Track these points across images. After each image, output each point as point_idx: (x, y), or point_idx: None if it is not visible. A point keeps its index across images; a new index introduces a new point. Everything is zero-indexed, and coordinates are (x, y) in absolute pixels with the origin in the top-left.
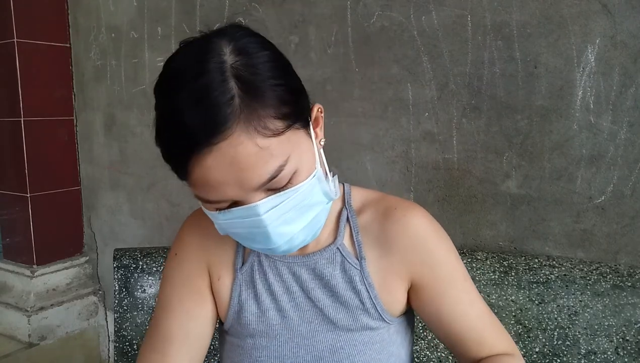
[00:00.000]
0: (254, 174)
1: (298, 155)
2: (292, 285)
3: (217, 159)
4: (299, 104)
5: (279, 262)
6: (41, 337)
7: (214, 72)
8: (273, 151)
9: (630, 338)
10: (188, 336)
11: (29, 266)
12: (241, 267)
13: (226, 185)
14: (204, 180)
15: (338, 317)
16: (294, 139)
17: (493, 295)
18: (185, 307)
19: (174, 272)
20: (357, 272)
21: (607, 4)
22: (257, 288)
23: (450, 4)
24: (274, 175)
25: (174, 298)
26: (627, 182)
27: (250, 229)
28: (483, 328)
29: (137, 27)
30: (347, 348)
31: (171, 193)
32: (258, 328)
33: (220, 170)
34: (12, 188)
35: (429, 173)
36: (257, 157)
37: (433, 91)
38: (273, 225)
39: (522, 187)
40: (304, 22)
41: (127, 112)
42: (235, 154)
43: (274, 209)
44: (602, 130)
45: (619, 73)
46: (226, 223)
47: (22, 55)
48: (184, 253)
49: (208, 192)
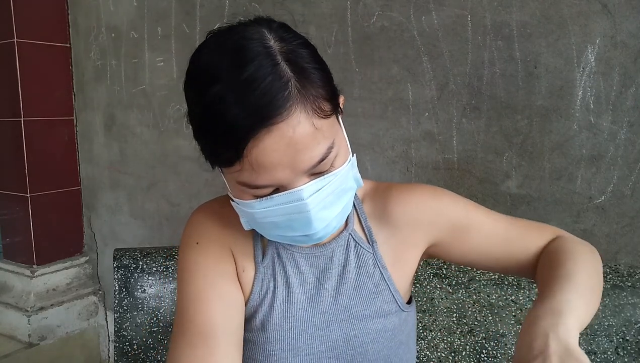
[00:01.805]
0: (308, 155)
1: (339, 139)
2: (309, 276)
3: (276, 139)
4: (334, 89)
5: (297, 254)
6: (41, 337)
7: (264, 56)
8: (325, 132)
9: (630, 338)
10: (232, 324)
11: (29, 266)
12: (262, 260)
13: (279, 167)
14: (259, 163)
15: (351, 304)
16: (336, 122)
17: (493, 295)
18: (221, 294)
19: (200, 259)
20: (370, 255)
21: (607, 4)
22: (277, 281)
23: (450, 4)
24: (324, 157)
25: (207, 286)
26: (627, 182)
27: (290, 215)
28: (519, 235)
29: (137, 27)
30: (360, 336)
31: (171, 193)
32: (272, 322)
33: (278, 151)
34: (12, 188)
35: (429, 173)
36: (312, 138)
37: (433, 91)
38: (315, 210)
39: (522, 187)
40: (304, 22)
41: (127, 112)
42: (293, 135)
43: (316, 193)
44: (602, 130)
45: (619, 73)
46: (264, 211)
47: (22, 55)
48: (206, 241)
49: (259, 175)
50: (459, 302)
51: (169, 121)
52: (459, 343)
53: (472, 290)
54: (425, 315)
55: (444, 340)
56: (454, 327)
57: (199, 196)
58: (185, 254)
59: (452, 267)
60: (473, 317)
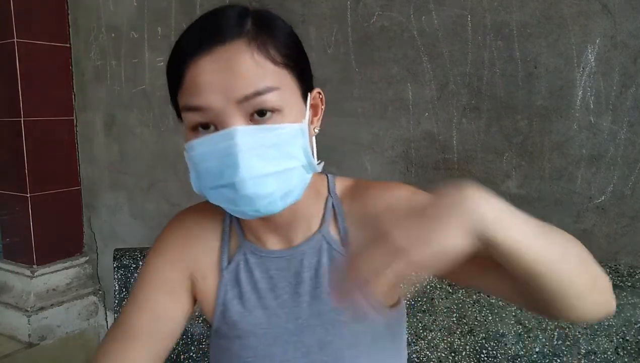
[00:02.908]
0: (243, 82)
1: (288, 98)
2: (280, 281)
3: (212, 62)
4: (300, 63)
5: (266, 259)
6: (41, 337)
7: (234, 8)
8: (266, 73)
9: (630, 338)
10: (151, 334)
11: (29, 266)
12: (227, 267)
13: (214, 89)
14: (196, 83)
15: (325, 309)
16: (287, 83)
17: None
18: (153, 304)
19: (149, 268)
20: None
21: (607, 4)
22: (242, 287)
23: (450, 4)
24: (260, 92)
25: (142, 294)
26: (627, 182)
27: (221, 159)
28: None
29: (137, 27)
30: (335, 342)
31: (171, 193)
32: (244, 329)
33: (213, 72)
34: (12, 188)
35: (429, 173)
36: (250, 68)
37: (433, 91)
38: (244, 154)
39: (522, 187)
40: (304, 22)
41: (127, 112)
42: (230, 59)
43: (249, 137)
44: (602, 130)
45: (619, 73)
46: (201, 155)
47: (22, 55)
48: (161, 252)
49: (195, 96)
50: (459, 302)
51: (169, 121)
52: (459, 343)
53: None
54: (425, 315)
55: (444, 340)
56: (454, 327)
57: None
58: (145, 258)
59: None
60: (473, 317)
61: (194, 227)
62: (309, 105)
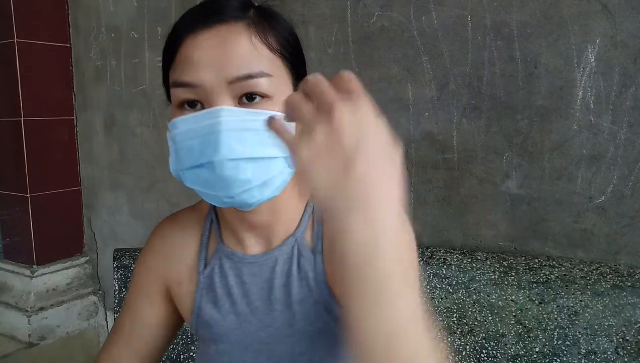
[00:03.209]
0: (237, 62)
1: (280, 87)
2: (252, 287)
3: (209, 38)
4: (297, 58)
5: (240, 264)
6: (41, 337)
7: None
8: (262, 58)
9: (630, 338)
10: (131, 335)
11: (29, 266)
12: (202, 271)
13: (206, 64)
14: (189, 56)
15: (296, 319)
16: (281, 73)
17: (493, 295)
18: (133, 309)
19: (135, 271)
20: (311, 267)
21: (607, 4)
22: (217, 292)
23: (450, 3)
24: (253, 74)
25: (128, 298)
26: (627, 182)
27: (203, 137)
28: None
29: (137, 27)
30: (308, 353)
31: (171, 193)
32: (219, 333)
33: (209, 48)
34: (12, 188)
35: (429, 173)
36: (246, 50)
37: (433, 91)
38: (227, 133)
39: (522, 187)
40: (304, 22)
41: (127, 112)
42: (227, 37)
43: (236, 118)
44: (602, 130)
45: (619, 73)
46: (185, 133)
47: (22, 55)
48: (143, 258)
49: (185, 71)
50: (459, 302)
51: (169, 121)
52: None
53: (472, 290)
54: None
55: (444, 340)
56: (454, 327)
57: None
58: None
59: (452, 266)
60: (473, 317)
61: (171, 236)
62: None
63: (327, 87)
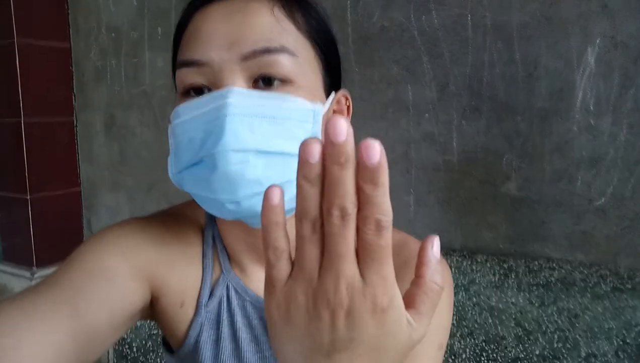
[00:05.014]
0: (253, 34)
1: (304, 71)
2: (262, 333)
3: (222, 8)
4: (329, 48)
5: (247, 303)
6: None
7: None
8: (284, 32)
9: (631, 341)
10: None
11: (28, 268)
12: (207, 303)
13: (216, 40)
14: (196, 32)
15: None
16: (308, 56)
17: (493, 298)
18: (87, 293)
19: (95, 251)
20: None
21: (607, 5)
22: (221, 331)
23: (450, 3)
24: (272, 49)
25: (76, 276)
26: (627, 184)
27: (207, 125)
28: None
29: (137, 27)
30: None
31: (171, 194)
32: None
33: (219, 21)
34: (11, 189)
35: (429, 174)
36: (265, 21)
37: (433, 92)
38: (234, 118)
39: (522, 189)
40: None
41: (127, 112)
42: (244, 7)
43: (248, 100)
44: (602, 132)
45: (619, 74)
46: (185, 122)
47: (22, 55)
48: (125, 242)
49: (192, 48)
50: (459, 305)
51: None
52: (459, 346)
53: (472, 292)
54: None
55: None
56: (453, 330)
57: None
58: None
59: (451, 269)
60: (473, 320)
61: (170, 244)
62: (331, 99)
63: (348, 230)
